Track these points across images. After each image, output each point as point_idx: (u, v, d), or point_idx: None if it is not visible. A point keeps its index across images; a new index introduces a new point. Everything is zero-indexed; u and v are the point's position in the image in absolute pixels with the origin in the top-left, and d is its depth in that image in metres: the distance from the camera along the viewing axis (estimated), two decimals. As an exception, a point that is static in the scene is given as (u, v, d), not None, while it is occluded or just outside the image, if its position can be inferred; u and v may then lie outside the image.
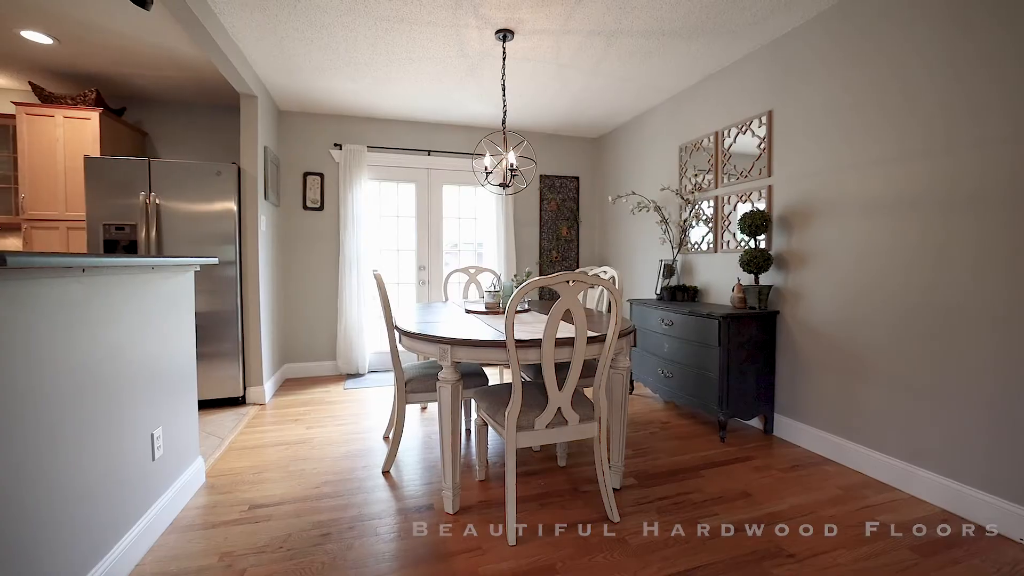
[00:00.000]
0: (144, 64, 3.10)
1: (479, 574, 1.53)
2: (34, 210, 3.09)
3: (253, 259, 3.32)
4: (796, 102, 2.56)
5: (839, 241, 2.34)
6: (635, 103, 3.81)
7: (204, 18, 2.28)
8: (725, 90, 3.09)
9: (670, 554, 1.62)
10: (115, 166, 2.96)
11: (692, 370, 2.83)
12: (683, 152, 3.50)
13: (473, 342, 1.77)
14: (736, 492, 2.06)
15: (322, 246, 4.22)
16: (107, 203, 2.96)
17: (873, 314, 2.18)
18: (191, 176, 3.09)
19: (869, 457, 2.20)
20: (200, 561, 1.59)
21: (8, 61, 3.01)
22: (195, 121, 3.93)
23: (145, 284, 1.67)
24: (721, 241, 3.14)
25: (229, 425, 2.93)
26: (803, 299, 2.54)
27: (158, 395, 1.76)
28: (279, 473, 2.27)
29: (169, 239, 3.08)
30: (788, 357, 2.64)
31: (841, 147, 2.32)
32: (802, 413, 2.56)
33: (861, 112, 2.22)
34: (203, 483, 2.16)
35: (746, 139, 2.90)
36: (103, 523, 1.41)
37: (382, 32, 2.62)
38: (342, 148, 4.14)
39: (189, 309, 2.04)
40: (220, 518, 1.87)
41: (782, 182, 2.66)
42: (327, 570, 1.55)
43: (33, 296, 1.15)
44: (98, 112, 3.14)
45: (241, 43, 2.76)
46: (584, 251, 5.03)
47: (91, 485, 1.36)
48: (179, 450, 1.94)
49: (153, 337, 1.72)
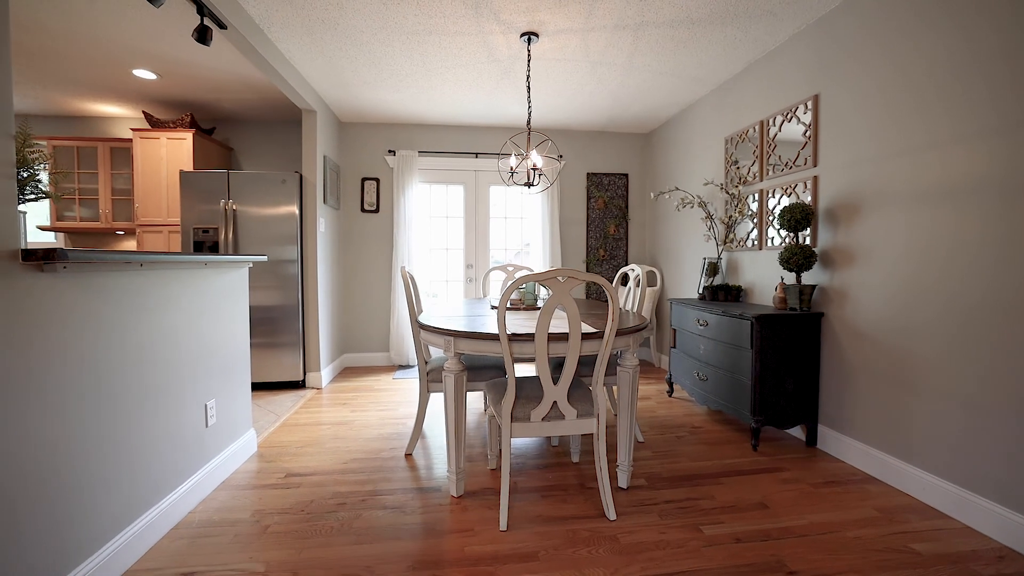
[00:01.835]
0: (225, 89, 3.59)
1: (464, 553, 1.62)
2: (145, 217, 3.72)
3: (312, 258, 3.69)
4: (844, 84, 2.32)
5: (889, 235, 2.10)
6: (678, 96, 3.66)
7: (260, 45, 2.60)
8: (770, 76, 2.87)
9: (657, 556, 1.59)
10: (202, 178, 3.47)
11: (726, 374, 2.68)
12: (729, 144, 3.31)
13: (473, 334, 1.86)
14: (752, 503, 1.94)
15: (378, 246, 4.56)
16: (196, 209, 3.49)
17: (926, 317, 1.93)
18: (261, 184, 3.53)
19: (919, 479, 1.96)
20: (237, 515, 1.86)
21: (125, 94, 3.65)
22: (270, 135, 4.45)
23: (199, 277, 1.97)
24: (766, 237, 2.93)
25: (287, 405, 3.30)
26: (850, 300, 2.31)
27: (212, 372, 2.07)
28: (317, 448, 2.54)
29: (244, 239, 3.54)
30: (834, 363, 2.41)
31: (892, 130, 2.08)
32: (847, 425, 2.33)
33: (916, 91, 1.97)
34: (255, 451, 2.48)
35: (792, 127, 2.68)
36: (161, 473, 1.71)
37: (415, 44, 2.81)
38: (395, 154, 4.45)
39: (243, 300, 2.36)
40: (261, 482, 2.14)
41: (829, 172, 2.43)
42: (334, 533, 1.73)
43: (101, 285, 1.44)
44: (191, 133, 3.69)
45: (298, 64, 3.10)
46: (633, 249, 4.91)
47: (150, 442, 1.66)
48: (231, 421, 2.26)
49: (208, 322, 2.03)
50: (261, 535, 1.72)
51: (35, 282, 1.22)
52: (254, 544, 1.66)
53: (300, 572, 1.52)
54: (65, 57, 3.02)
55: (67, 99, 3.74)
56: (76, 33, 2.71)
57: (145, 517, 1.62)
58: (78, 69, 3.19)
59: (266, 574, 1.51)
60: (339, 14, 2.46)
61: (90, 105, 3.88)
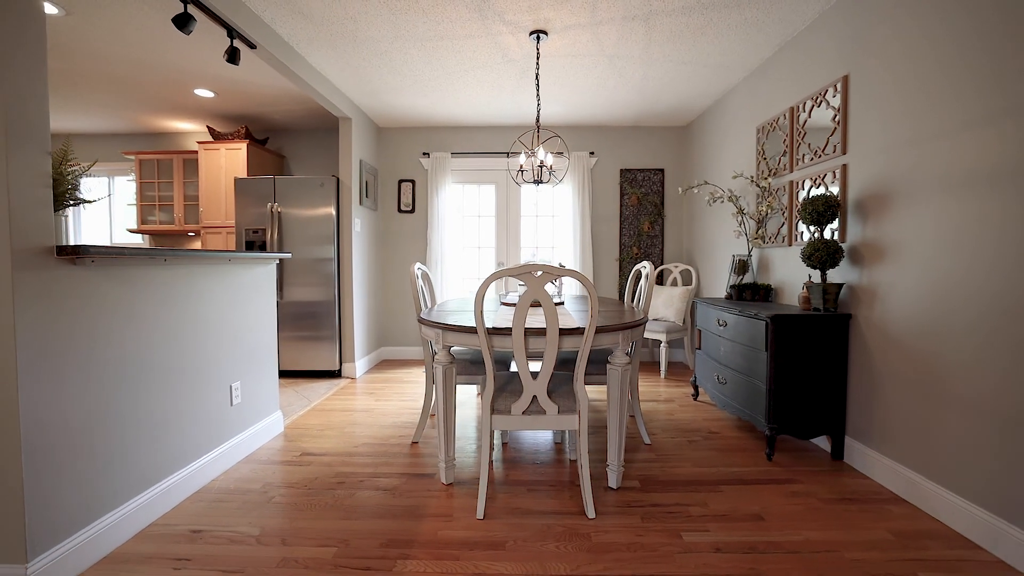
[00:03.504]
0: (273, 103, 3.94)
1: (436, 536, 1.69)
2: (208, 220, 4.18)
3: (347, 256, 3.95)
4: (875, 60, 2.11)
5: (921, 228, 1.88)
6: (708, 86, 3.48)
7: (291, 61, 2.85)
8: (799, 58, 2.66)
9: (625, 558, 1.56)
10: (252, 184, 3.84)
11: (743, 377, 2.53)
12: (760, 134, 3.10)
13: (459, 328, 1.92)
14: (747, 514, 1.83)
15: (413, 244, 4.77)
16: (248, 212, 3.87)
17: (962, 321, 1.71)
18: (302, 188, 3.83)
19: (949, 502, 1.74)
20: (250, 485, 2.07)
21: (191, 111, 4.13)
22: (317, 142, 4.81)
23: (224, 272, 2.21)
24: (795, 232, 2.72)
25: (320, 392, 3.57)
26: (879, 300, 2.09)
27: (237, 357, 2.31)
28: (334, 432, 2.73)
29: (287, 239, 3.87)
30: (862, 369, 2.19)
31: (926, 110, 1.86)
32: (875, 438, 2.11)
33: (950, 64, 1.75)
34: (280, 432, 2.72)
35: (821, 113, 2.47)
36: (183, 444, 1.95)
37: (430, 50, 2.92)
38: (429, 156, 4.63)
39: (270, 293, 2.60)
40: (279, 458, 2.36)
41: (858, 159, 2.22)
42: (327, 508, 1.87)
43: (128, 277, 1.67)
44: (245, 143, 4.10)
45: (329, 76, 3.34)
46: (670, 247, 4.73)
47: (173, 416, 1.89)
48: (257, 402, 2.50)
49: (232, 312, 2.27)
50: (265, 504, 1.91)
51: (69, 273, 1.46)
52: (256, 511, 1.85)
53: (287, 538, 1.67)
54: (142, 82, 3.48)
55: (148, 118, 4.30)
56: (149, 61, 3.12)
57: (168, 480, 1.85)
58: (152, 91, 3.66)
59: (259, 537, 1.67)
60: (355, 27, 2.63)
61: (166, 122, 4.42)
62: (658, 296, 4.37)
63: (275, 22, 2.57)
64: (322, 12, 2.48)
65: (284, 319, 3.92)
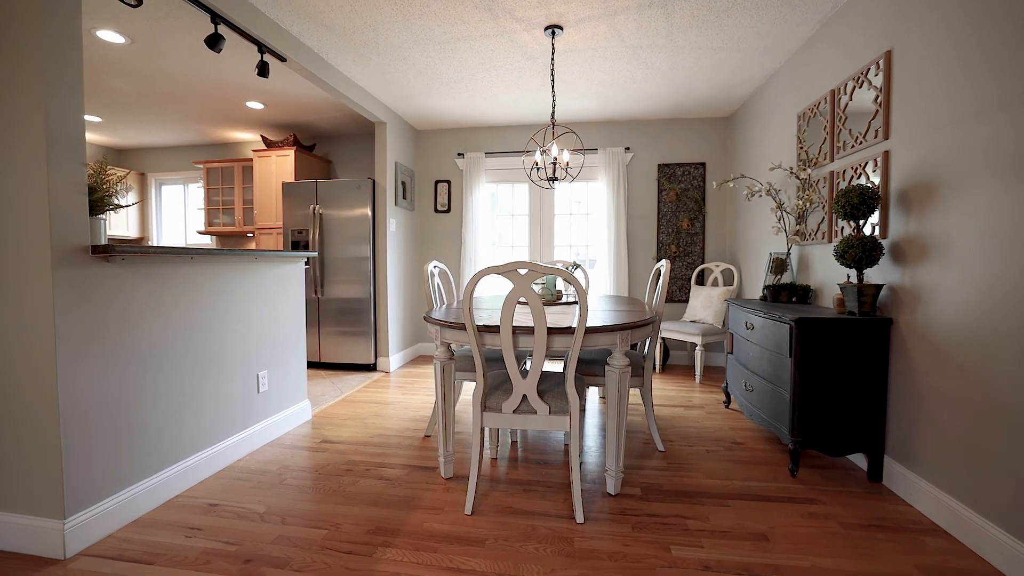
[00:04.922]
0: (316, 111, 4.20)
1: (422, 528, 1.72)
2: (260, 222, 4.55)
3: (383, 255, 4.13)
4: (923, 30, 1.86)
5: (969, 220, 1.63)
6: (747, 72, 3.24)
7: (322, 71, 3.02)
8: (840, 36, 2.41)
9: (603, 566, 1.50)
10: (298, 187, 4.13)
11: (769, 385, 2.34)
12: (800, 121, 2.84)
13: (456, 324, 1.95)
14: (751, 533, 1.70)
15: (449, 243, 4.88)
16: (294, 214, 4.16)
17: (1017, 329, 1.47)
18: (341, 190, 4.06)
19: (997, 540, 1.50)
20: (268, 467, 2.23)
21: (246, 122, 4.50)
22: (359, 146, 5.06)
23: (251, 270, 2.39)
24: (835, 228, 2.46)
25: (353, 384, 3.76)
26: (923, 304, 1.85)
27: (264, 348, 2.50)
28: (356, 422, 2.87)
29: (328, 239, 4.12)
30: (905, 381, 1.95)
31: (983, 84, 1.61)
32: (917, 460, 1.87)
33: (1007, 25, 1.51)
34: (308, 419, 2.90)
35: (863, 94, 2.22)
36: (209, 426, 2.14)
37: (448, 52, 2.98)
38: (464, 156, 4.71)
39: (298, 289, 2.78)
40: (300, 444, 2.52)
41: (901, 145, 1.97)
42: (329, 492, 1.98)
43: (158, 274, 1.87)
44: (293, 150, 4.41)
45: (361, 83, 3.50)
46: (711, 245, 4.47)
47: (199, 400, 2.09)
48: (283, 391, 2.68)
49: (259, 307, 2.46)
50: (276, 485, 2.05)
51: (103, 270, 1.66)
52: (267, 491, 1.99)
53: (287, 518, 1.78)
54: (202, 98, 3.86)
55: (211, 130, 4.75)
56: (205, 79, 3.45)
57: (193, 458, 2.05)
58: (210, 106, 4.05)
59: (263, 515, 1.80)
60: (375, 35, 2.74)
61: (227, 132, 4.87)
62: (696, 297, 4.15)
63: (303, 35, 2.74)
64: (343, 23, 2.61)
65: (325, 315, 4.18)
